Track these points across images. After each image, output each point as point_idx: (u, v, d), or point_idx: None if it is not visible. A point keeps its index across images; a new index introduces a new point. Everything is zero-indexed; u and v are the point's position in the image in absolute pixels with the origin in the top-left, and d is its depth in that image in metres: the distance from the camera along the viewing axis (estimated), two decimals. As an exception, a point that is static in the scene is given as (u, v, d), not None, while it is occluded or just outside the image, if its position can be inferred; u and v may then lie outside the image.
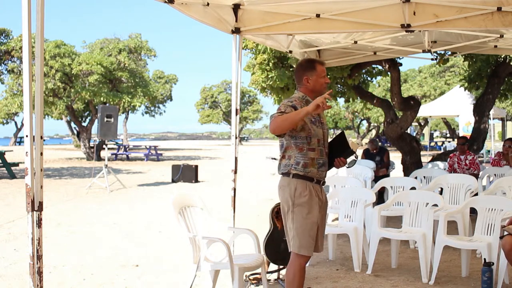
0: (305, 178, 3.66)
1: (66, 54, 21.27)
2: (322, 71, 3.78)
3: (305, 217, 3.62)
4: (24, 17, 2.87)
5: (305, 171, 3.65)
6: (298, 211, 3.64)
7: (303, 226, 3.62)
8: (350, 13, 5.41)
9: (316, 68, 3.77)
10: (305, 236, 3.63)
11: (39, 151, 2.96)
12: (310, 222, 3.63)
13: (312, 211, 3.65)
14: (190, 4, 4.85)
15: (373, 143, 10.31)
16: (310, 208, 3.64)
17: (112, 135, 13.70)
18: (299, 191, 3.64)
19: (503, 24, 5.06)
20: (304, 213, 3.63)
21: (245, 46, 9.96)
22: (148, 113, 46.22)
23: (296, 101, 3.69)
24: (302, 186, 3.65)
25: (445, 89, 29.44)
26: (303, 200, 3.63)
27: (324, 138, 3.77)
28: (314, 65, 3.79)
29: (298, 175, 3.66)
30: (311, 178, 3.68)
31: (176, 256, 6.05)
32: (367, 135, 47.62)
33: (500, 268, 4.71)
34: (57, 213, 9.25)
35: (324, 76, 3.80)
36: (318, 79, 3.77)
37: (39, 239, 2.96)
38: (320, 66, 3.80)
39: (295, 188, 3.65)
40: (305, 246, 3.65)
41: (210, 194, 11.62)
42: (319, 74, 3.77)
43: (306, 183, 3.66)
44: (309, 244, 3.65)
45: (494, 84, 11.02)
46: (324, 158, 3.74)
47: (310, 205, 3.64)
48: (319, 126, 3.75)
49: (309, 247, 3.66)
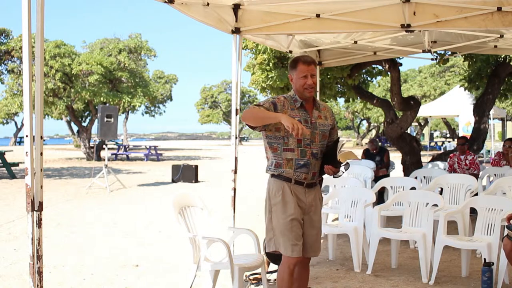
0: (281, 178, 3.59)
1: (66, 54, 21.27)
2: (302, 71, 3.58)
3: (281, 216, 3.55)
4: (24, 17, 2.87)
5: (278, 171, 3.59)
6: (274, 210, 3.59)
7: (280, 226, 3.54)
8: (350, 13, 5.41)
9: (297, 67, 3.61)
10: (283, 236, 3.53)
11: (39, 151, 2.96)
12: (287, 221, 3.53)
13: (288, 211, 3.55)
14: (190, 4, 4.85)
15: (373, 143, 10.31)
16: (285, 207, 3.55)
17: (112, 135, 13.70)
18: (274, 191, 3.60)
19: (503, 24, 5.06)
20: (280, 212, 3.56)
21: (245, 46, 9.96)
22: (148, 113, 46.20)
23: (280, 98, 3.62)
24: (277, 186, 3.59)
25: (445, 89, 29.44)
26: (277, 200, 3.57)
27: (313, 138, 3.61)
28: (296, 64, 3.63)
29: (274, 175, 3.62)
30: (287, 178, 3.58)
31: (176, 256, 6.05)
32: (367, 135, 47.63)
33: (500, 268, 4.70)
34: (57, 213, 9.25)
35: (304, 76, 3.58)
36: (298, 79, 3.61)
37: (39, 239, 2.96)
38: (302, 65, 3.60)
39: (271, 188, 3.62)
40: (285, 246, 3.53)
41: (210, 194, 11.62)
42: (299, 73, 3.60)
43: (282, 183, 3.58)
44: (288, 244, 3.52)
45: (494, 84, 11.02)
46: (308, 159, 3.58)
47: (285, 204, 3.55)
48: (307, 127, 3.58)
49: (289, 247, 3.52)
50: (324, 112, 3.74)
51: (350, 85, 10.64)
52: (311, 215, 3.66)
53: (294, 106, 3.62)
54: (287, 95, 3.69)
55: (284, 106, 3.58)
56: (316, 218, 3.70)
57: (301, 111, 3.62)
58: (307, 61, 3.62)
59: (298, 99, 3.63)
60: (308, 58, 3.66)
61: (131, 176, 16.84)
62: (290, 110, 3.59)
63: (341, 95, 11.45)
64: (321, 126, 3.67)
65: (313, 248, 3.69)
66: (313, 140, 3.61)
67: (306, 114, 3.62)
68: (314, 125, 3.64)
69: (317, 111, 3.69)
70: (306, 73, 3.58)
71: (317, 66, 3.72)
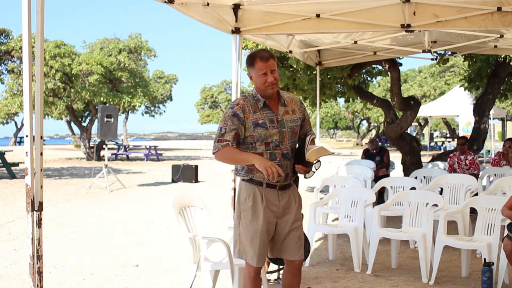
0: (252, 182, 3.41)
1: (66, 54, 21.27)
2: (260, 68, 3.32)
3: (248, 224, 3.39)
4: (24, 17, 2.87)
5: (249, 176, 3.41)
6: (243, 217, 3.43)
7: (246, 234, 3.40)
8: (350, 13, 5.42)
9: (255, 65, 3.35)
10: (247, 244, 3.40)
11: (39, 151, 2.96)
12: (253, 230, 3.37)
13: (257, 219, 3.37)
14: (190, 4, 4.86)
15: (373, 143, 10.30)
16: (254, 215, 3.38)
17: (112, 135, 13.70)
18: (244, 196, 3.43)
19: (503, 24, 5.07)
20: (248, 219, 3.40)
21: (245, 46, 9.95)
22: (148, 113, 46.13)
23: (239, 103, 3.37)
24: (248, 190, 3.42)
25: (445, 89, 29.44)
26: (247, 206, 3.41)
27: (282, 138, 3.39)
28: (253, 61, 3.36)
29: (245, 180, 3.45)
30: (259, 182, 3.39)
31: (176, 256, 6.05)
32: (367, 135, 47.61)
33: (500, 268, 4.71)
34: (57, 213, 9.25)
35: (264, 73, 3.31)
36: (257, 77, 3.35)
37: (39, 239, 2.96)
38: (260, 62, 3.32)
39: (242, 193, 3.46)
40: (248, 254, 3.41)
41: (210, 194, 11.62)
42: (257, 71, 3.34)
43: (253, 187, 3.40)
44: (251, 253, 3.39)
45: (494, 84, 11.02)
46: (279, 161, 3.36)
47: (254, 211, 3.38)
48: (272, 126, 3.36)
49: (252, 256, 3.39)
50: (291, 105, 3.48)
51: (350, 85, 10.65)
52: (285, 218, 3.47)
53: (256, 107, 3.38)
54: (248, 95, 3.45)
55: (245, 111, 3.35)
56: (291, 218, 3.47)
57: (265, 111, 3.39)
58: (264, 56, 3.34)
59: (261, 98, 3.39)
60: (265, 53, 3.36)
61: (131, 176, 16.84)
62: (252, 113, 3.36)
63: (341, 95, 11.45)
64: (289, 122, 3.43)
65: (295, 250, 3.48)
66: (282, 140, 3.39)
67: (271, 113, 3.39)
68: (281, 123, 3.40)
69: (283, 107, 3.44)
70: (265, 70, 3.32)
71: (275, 59, 3.40)
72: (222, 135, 3.32)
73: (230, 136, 3.31)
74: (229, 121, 3.33)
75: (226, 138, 3.31)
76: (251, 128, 3.34)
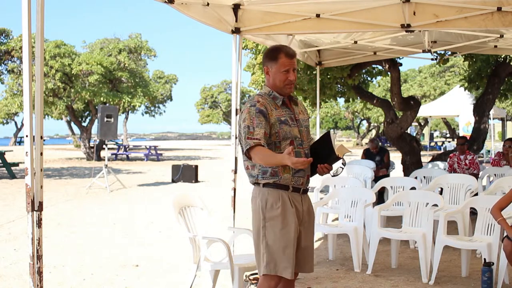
0: (278, 187, 3.10)
1: (66, 54, 21.27)
2: (285, 64, 3.11)
3: (279, 232, 3.05)
4: (24, 17, 2.87)
5: (274, 179, 3.09)
6: (270, 226, 3.07)
7: (276, 243, 3.05)
8: (350, 13, 5.42)
9: (278, 60, 3.11)
10: (280, 254, 3.04)
11: (39, 151, 2.96)
12: (286, 238, 3.06)
13: (287, 226, 3.07)
14: (190, 4, 4.86)
15: (374, 142, 10.31)
16: (285, 222, 3.07)
17: (112, 135, 13.71)
18: (271, 202, 3.08)
19: (503, 24, 5.07)
20: (278, 228, 3.06)
21: (245, 46, 9.96)
22: (148, 113, 46.14)
23: (260, 101, 3.11)
24: (274, 196, 3.09)
25: (445, 89, 29.44)
26: (275, 213, 3.07)
27: (302, 137, 3.19)
28: (278, 55, 3.12)
29: (268, 184, 3.10)
30: (285, 186, 3.10)
31: (176, 256, 6.05)
32: (367, 135, 47.60)
33: (500, 268, 4.70)
34: (57, 213, 9.25)
35: (287, 71, 3.11)
36: (278, 73, 3.12)
37: (39, 239, 2.96)
38: (285, 58, 3.11)
39: (266, 199, 3.10)
40: (281, 265, 3.04)
41: (210, 194, 11.62)
42: (280, 67, 3.11)
43: (279, 192, 3.09)
44: (285, 263, 3.04)
45: (494, 84, 11.03)
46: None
47: (285, 218, 3.07)
48: (293, 124, 3.16)
49: (286, 267, 3.04)
50: (301, 107, 3.33)
51: (350, 85, 10.65)
52: (306, 226, 3.23)
53: (275, 104, 3.16)
54: (263, 93, 3.21)
55: (267, 108, 3.11)
56: (311, 229, 3.28)
57: (283, 108, 3.18)
58: (290, 53, 3.13)
59: (278, 96, 3.18)
60: (291, 50, 3.17)
61: (131, 176, 16.84)
62: (274, 110, 3.14)
63: (341, 95, 11.45)
64: (304, 122, 3.27)
65: (309, 264, 3.25)
66: (302, 139, 3.19)
67: (290, 111, 3.20)
68: (299, 122, 3.22)
69: (296, 107, 3.28)
70: (288, 67, 3.12)
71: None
72: (251, 133, 3.03)
73: (260, 134, 3.04)
74: (256, 119, 3.05)
75: (257, 137, 3.03)
76: (277, 124, 3.10)
